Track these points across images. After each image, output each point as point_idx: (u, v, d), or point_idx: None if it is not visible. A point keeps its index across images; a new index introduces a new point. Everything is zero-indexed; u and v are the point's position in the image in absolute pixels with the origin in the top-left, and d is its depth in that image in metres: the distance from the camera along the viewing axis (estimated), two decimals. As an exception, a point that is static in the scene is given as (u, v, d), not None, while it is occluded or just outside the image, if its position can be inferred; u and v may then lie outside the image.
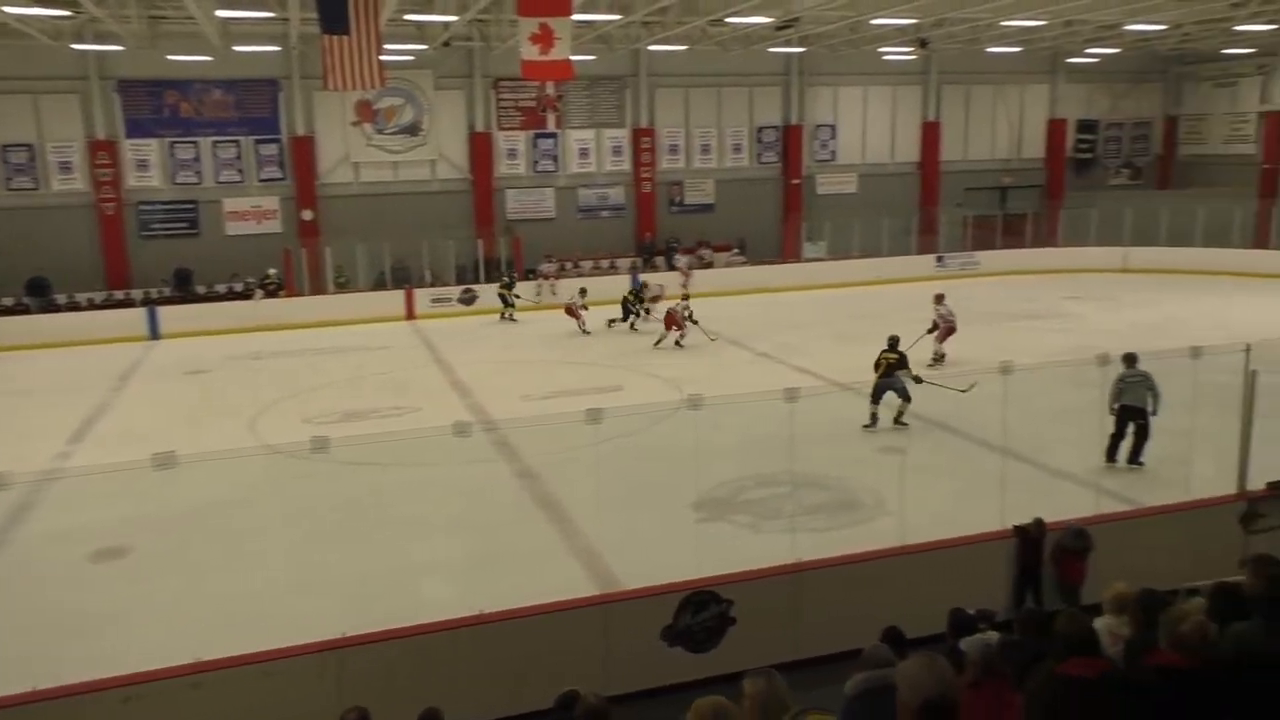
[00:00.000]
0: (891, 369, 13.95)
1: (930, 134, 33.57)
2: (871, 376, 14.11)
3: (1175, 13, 23.17)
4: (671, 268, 29.21)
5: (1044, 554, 9.10)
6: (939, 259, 30.75)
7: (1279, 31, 28.04)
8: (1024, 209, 33.28)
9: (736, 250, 30.95)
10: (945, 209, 32.65)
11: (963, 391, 13.00)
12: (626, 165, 31.02)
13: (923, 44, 27.27)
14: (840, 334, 22.18)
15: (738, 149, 32.14)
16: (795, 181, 32.33)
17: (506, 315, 25.12)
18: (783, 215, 32.24)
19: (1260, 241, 29.79)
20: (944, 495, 11.48)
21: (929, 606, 7.20)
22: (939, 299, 18.85)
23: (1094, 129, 35.81)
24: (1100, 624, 6.13)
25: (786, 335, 22.06)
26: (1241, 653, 4.25)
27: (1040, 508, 9.68)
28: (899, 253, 30.71)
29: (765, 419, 10.49)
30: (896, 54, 30.41)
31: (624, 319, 23.22)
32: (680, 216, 31.66)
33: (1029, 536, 9.05)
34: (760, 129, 32.17)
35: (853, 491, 11.89)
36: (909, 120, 33.59)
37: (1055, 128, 35.00)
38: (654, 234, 31.17)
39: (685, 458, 10.87)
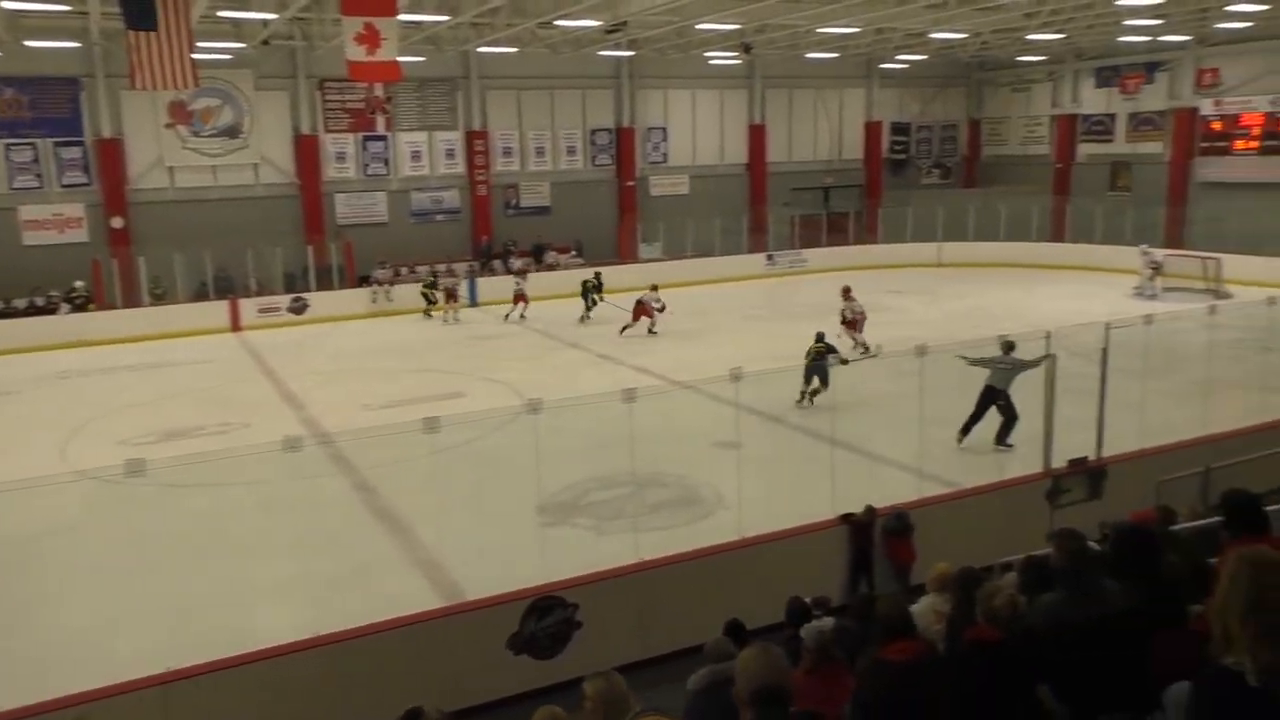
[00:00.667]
0: (820, 356, 15.10)
1: (757, 136, 34.56)
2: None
3: (975, 22, 24.68)
4: (509, 271, 28.98)
5: (874, 539, 9.50)
6: (769, 257, 31.68)
7: (1066, 40, 30.33)
8: (846, 208, 34.72)
9: (574, 252, 30.99)
10: (773, 209, 33.68)
11: (873, 355, 13.30)
12: (460, 168, 30.55)
13: (746, 49, 28.04)
14: (678, 333, 22.52)
15: (572, 151, 32.17)
16: (629, 183, 32.65)
17: (449, 316, 25.40)
18: (618, 216, 32.49)
19: (1056, 235, 32.11)
20: (780, 487, 11.79)
21: (770, 597, 7.40)
22: (846, 293, 19.85)
23: (907, 131, 37.74)
24: (925, 603, 6.46)
25: (623, 336, 22.21)
26: (1048, 622, 4.54)
27: (869, 494, 10.12)
28: (731, 252, 31.44)
29: (606, 420, 10.50)
30: (722, 58, 31.15)
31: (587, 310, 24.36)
32: (517, 219, 31.45)
33: (858, 523, 9.43)
34: (594, 131, 32.31)
35: (693, 488, 12.06)
36: (736, 123, 34.47)
37: (872, 130, 36.67)
38: (491, 237, 30.84)
39: (527, 463, 10.78)
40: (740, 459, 10.73)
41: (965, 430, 12.92)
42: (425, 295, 26.04)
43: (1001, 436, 13.02)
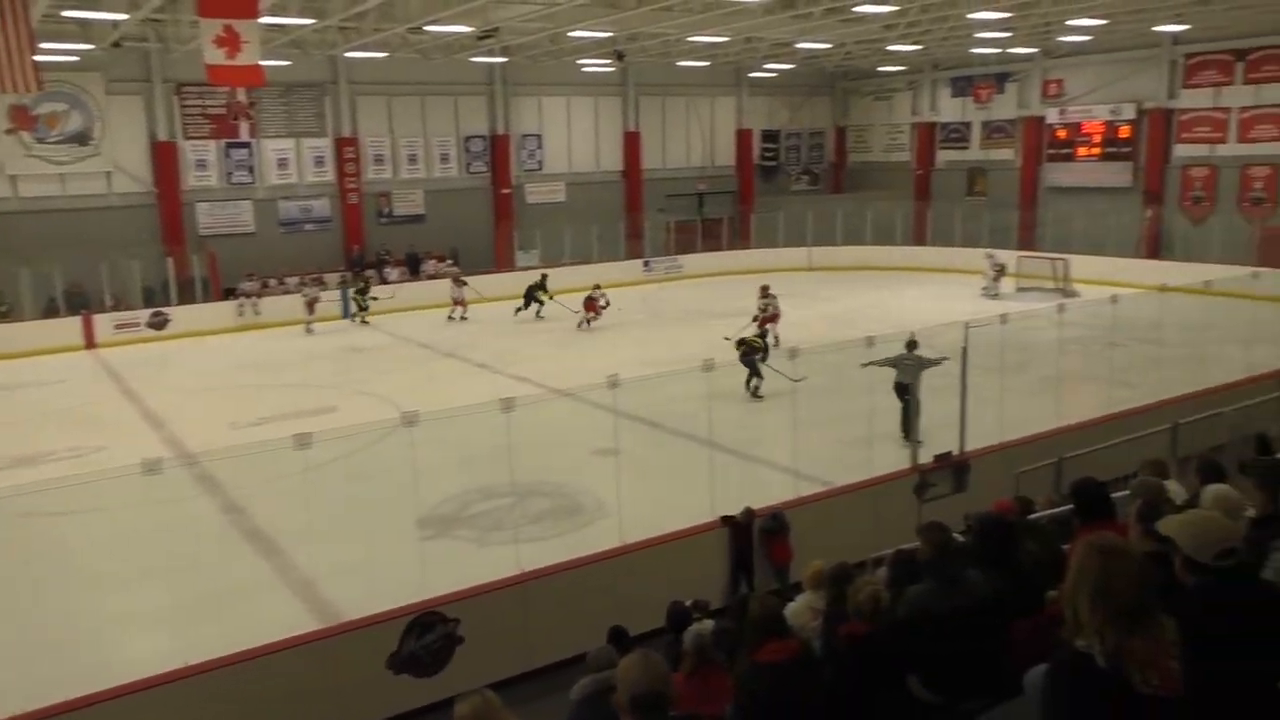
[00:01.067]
0: (749, 351, 16.11)
1: (631, 143, 34.80)
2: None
3: (838, 33, 25.46)
4: (384, 281, 28.36)
5: (754, 540, 9.66)
6: (646, 263, 31.92)
7: (924, 52, 31.60)
8: (720, 214, 35.30)
9: (450, 261, 30.55)
10: (649, 215, 33.96)
11: (795, 381, 13.44)
12: (330, 176, 29.73)
13: (619, 56, 28.21)
14: (558, 340, 22.47)
15: (445, 159, 31.72)
16: (505, 191, 32.39)
17: (358, 318, 25.66)
18: (494, 225, 32.19)
19: (918, 239, 33.41)
20: (660, 491, 11.88)
21: (652, 602, 7.42)
22: (764, 291, 21.07)
23: (776, 139, 38.65)
24: (802, 601, 6.60)
25: (504, 343, 22.04)
26: (914, 613, 4.70)
27: (748, 496, 10.30)
28: (608, 258, 31.55)
29: (485, 431, 10.37)
30: (596, 66, 31.26)
31: (526, 307, 25.20)
32: (390, 228, 30.80)
33: (737, 525, 9.57)
34: (468, 138, 31.95)
35: (573, 496, 12.04)
36: (611, 130, 34.63)
37: (743, 137, 37.41)
38: (363, 246, 30.11)
39: (404, 477, 10.56)
40: (620, 465, 10.76)
41: (906, 430, 13.33)
42: (357, 301, 25.90)
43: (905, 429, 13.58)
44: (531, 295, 25.60)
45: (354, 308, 26.01)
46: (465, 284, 26.08)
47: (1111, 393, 14.18)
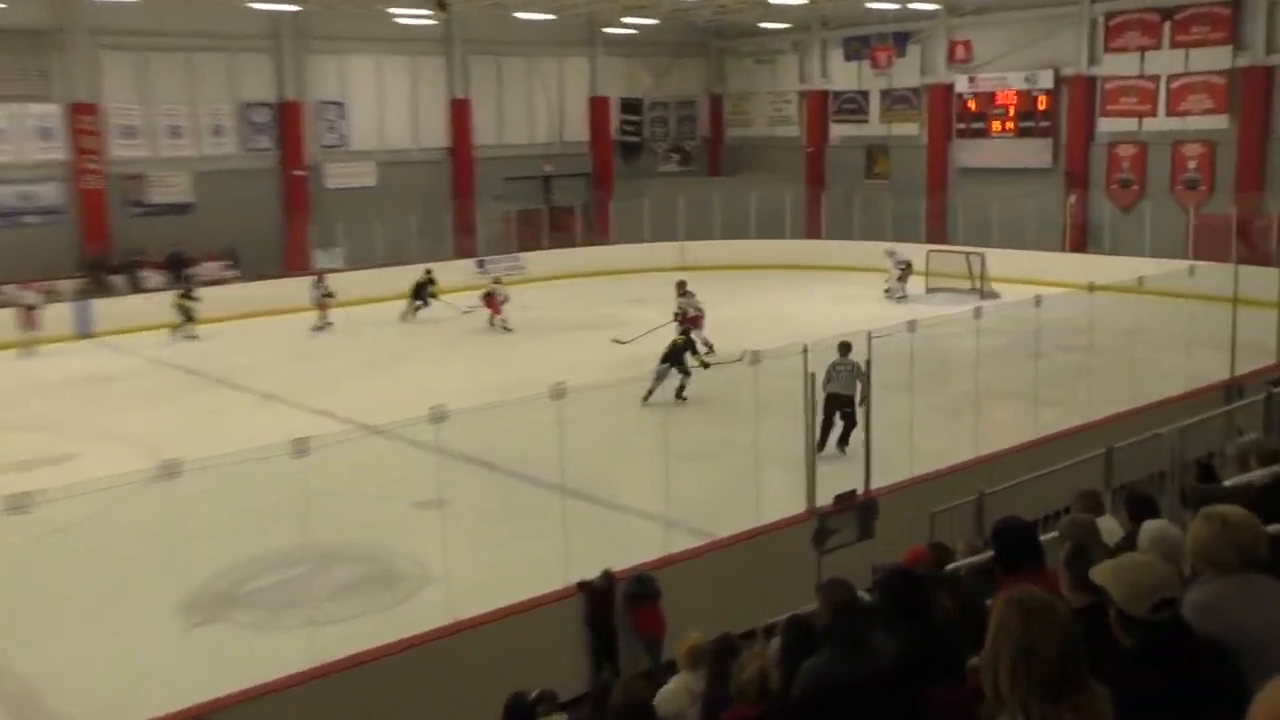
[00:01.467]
0: (678, 350, 17.44)
1: (460, 114, 34.59)
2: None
3: (709, -18, 26.02)
4: (138, 289, 27.29)
5: (616, 609, 9.64)
6: (480, 263, 31.69)
7: (810, 7, 32.58)
8: (571, 201, 35.45)
9: (227, 263, 29.59)
10: (483, 203, 33.80)
11: (736, 360, 13.46)
12: (62, 153, 28.39)
13: (441, 6, 28.04)
14: (369, 362, 22.03)
15: (219, 132, 30.78)
16: (298, 173, 31.64)
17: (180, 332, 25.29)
18: (284, 216, 31.38)
19: (811, 230, 34.37)
20: (500, 551, 11.77)
21: (491, 693, 7.30)
22: (682, 287, 22.44)
23: (639, 109, 39.10)
24: (676, 683, 6.59)
25: (299, 369, 21.49)
26: (811, 689, 4.74)
27: (608, 555, 10.27)
28: (433, 257, 31.14)
29: (272, 481, 10.09)
30: (412, 16, 30.93)
31: (424, 305, 26.43)
32: (145, 220, 29.56)
33: (596, 591, 9.54)
34: (248, 106, 31.09)
35: (389, 560, 11.81)
36: (434, 98, 34.33)
37: (598, 107, 37.70)
38: (107, 245, 28.80)
39: (165, 545, 10.09)
40: (448, 520, 10.59)
41: (821, 444, 13.69)
42: (182, 307, 25.41)
43: (841, 440, 14.50)
44: (422, 293, 26.50)
45: (180, 316, 25.31)
46: (328, 290, 26.35)
47: (1037, 413, 14.83)
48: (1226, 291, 16.54)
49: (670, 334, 19.28)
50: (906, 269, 28.06)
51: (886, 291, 27.73)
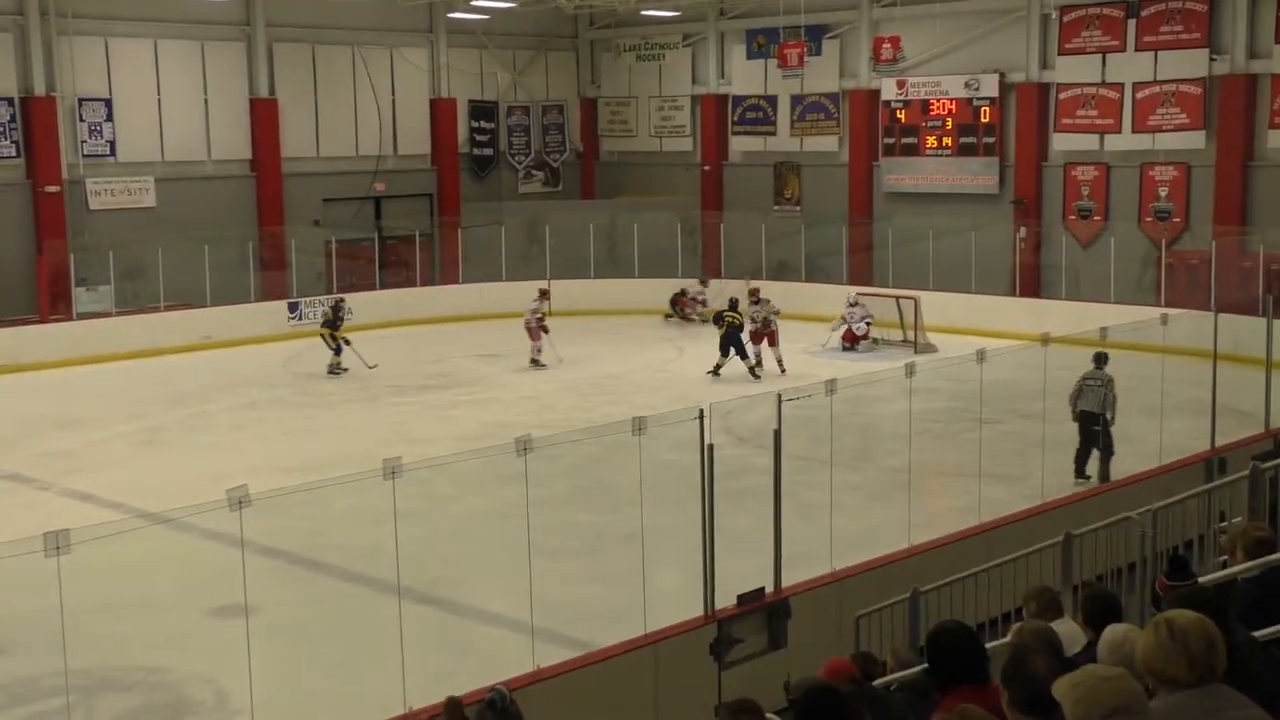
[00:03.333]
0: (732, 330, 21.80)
1: (265, 117, 34.27)
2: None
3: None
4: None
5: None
6: (292, 307, 31.34)
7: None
8: (409, 228, 35.34)
9: (-41, 304, 28.81)
10: (297, 231, 33.46)
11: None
12: None
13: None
14: (148, 431, 21.64)
15: (-57, 135, 30.10)
16: (50, 189, 30.93)
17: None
18: (35, 245, 30.63)
19: (709, 267, 34.78)
20: (321, 671, 11.68)
21: None
22: (755, 294, 26.29)
23: (493, 115, 39.30)
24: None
25: (56, 441, 21.04)
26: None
27: (461, 673, 10.25)
28: (232, 300, 30.78)
29: (18, 587, 9.88)
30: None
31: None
32: None
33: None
34: (-17, 103, 30.44)
35: (177, 686, 11.62)
36: (231, 96, 33.96)
37: (442, 111, 37.76)
38: None
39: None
40: (256, 632, 10.43)
41: (1080, 465, 16.74)
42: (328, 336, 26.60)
43: (1103, 475, 16.69)
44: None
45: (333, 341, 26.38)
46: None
47: (982, 492, 15.27)
48: (1205, 344, 17.28)
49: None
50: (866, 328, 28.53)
51: (827, 345, 28.17)
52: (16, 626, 11.69)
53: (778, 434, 12.20)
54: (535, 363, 26.57)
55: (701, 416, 11.89)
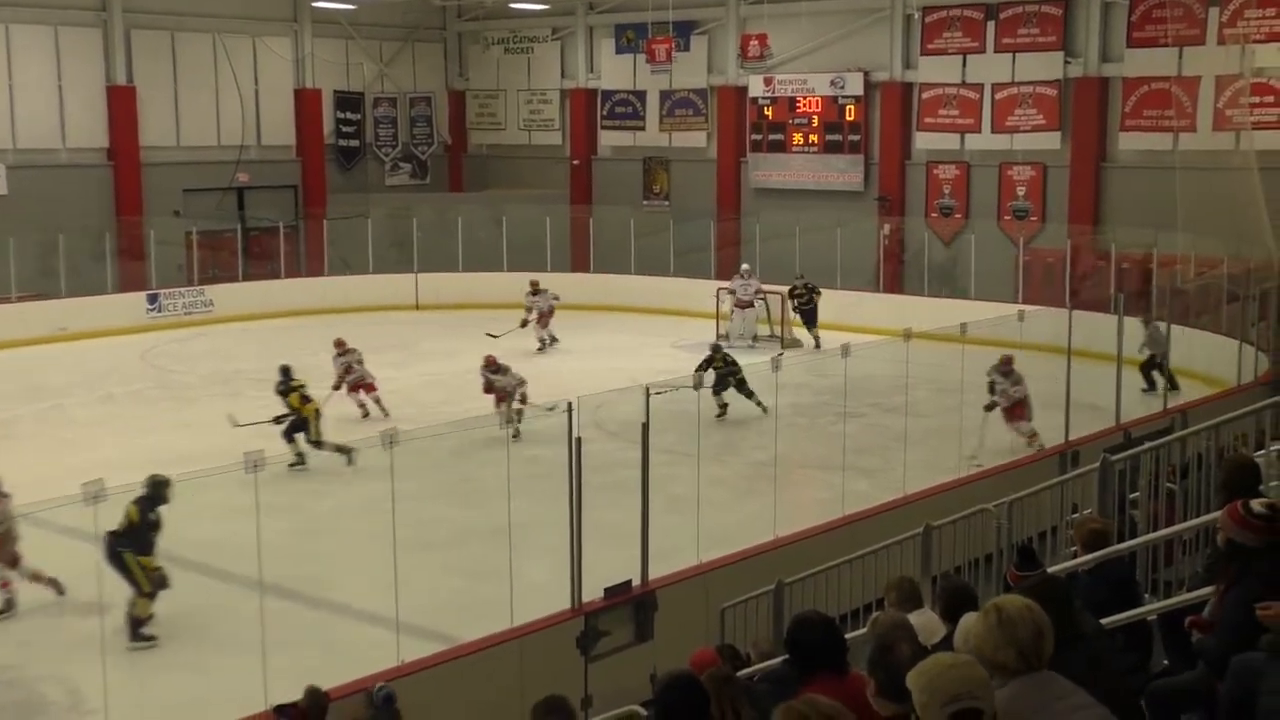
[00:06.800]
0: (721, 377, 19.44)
1: (123, 105, 33.56)
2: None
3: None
4: None
5: (329, 736, 9.56)
6: (152, 299, 30.83)
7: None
8: (273, 220, 34.88)
9: None
10: (155, 222, 32.84)
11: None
12: None
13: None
14: (2, 425, 21.15)
15: None
16: (-110, 178, 30.08)
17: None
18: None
19: (578, 262, 34.86)
20: (175, 671, 11.56)
21: None
22: (534, 287, 27.69)
23: (359, 106, 38.92)
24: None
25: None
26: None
27: (325, 667, 10.18)
28: (88, 291, 30.13)
29: None
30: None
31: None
32: None
33: (299, 717, 9.44)
34: None
35: (29, 685, 11.44)
36: (87, 82, 33.18)
37: (307, 101, 37.30)
38: None
39: None
40: (109, 630, 10.27)
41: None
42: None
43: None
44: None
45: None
46: None
47: (846, 485, 15.54)
48: (1060, 341, 17.79)
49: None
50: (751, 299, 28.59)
51: (723, 337, 27.74)
52: None
53: (645, 427, 12.30)
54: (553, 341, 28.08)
55: (570, 410, 11.95)
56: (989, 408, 18.27)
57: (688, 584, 12.54)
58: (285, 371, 19.13)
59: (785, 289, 28.88)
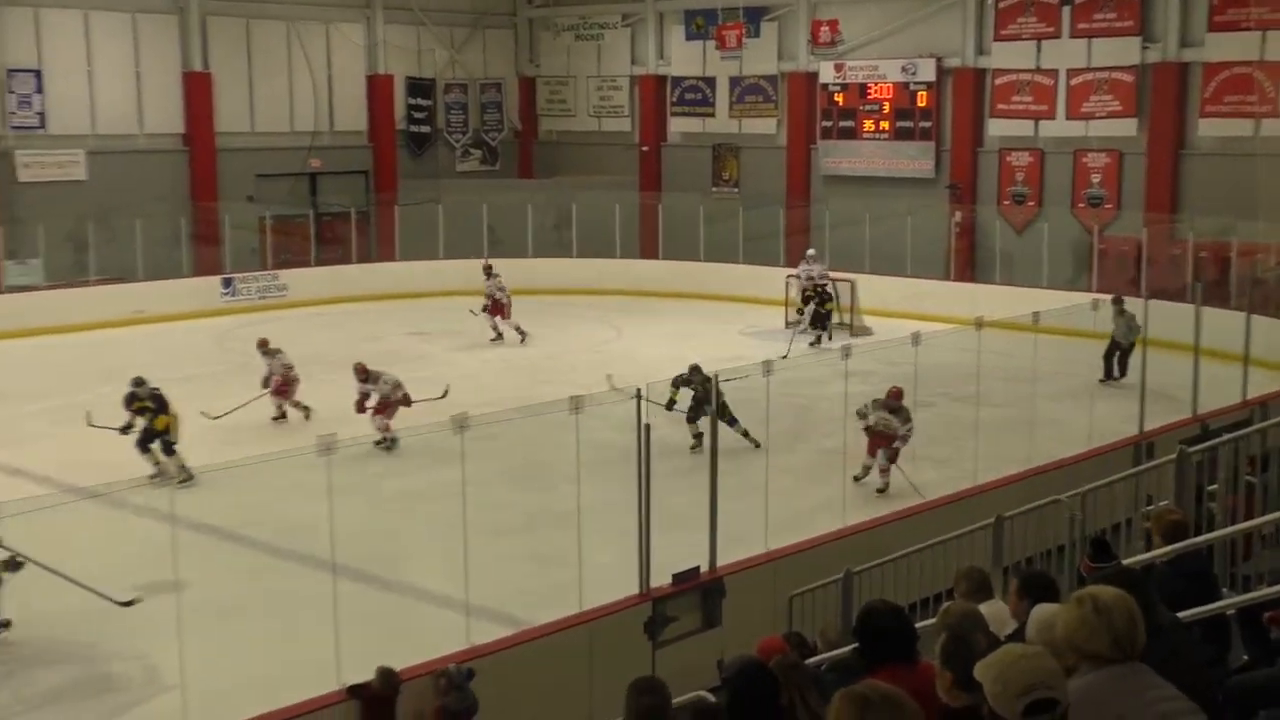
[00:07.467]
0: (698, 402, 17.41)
1: (198, 91, 33.91)
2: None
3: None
4: None
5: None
6: (226, 283, 31.16)
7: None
8: (345, 205, 35.13)
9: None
10: (230, 207, 33.19)
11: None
12: None
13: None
14: (80, 406, 21.39)
15: None
16: (-22, 161, 30.60)
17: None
18: (-38, 217, 30.27)
19: (647, 249, 34.84)
20: (251, 648, 11.65)
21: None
22: (488, 270, 27.06)
23: (430, 92, 39.08)
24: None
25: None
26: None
27: (396, 648, 10.26)
28: (165, 275, 30.50)
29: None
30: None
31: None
32: None
33: (375, 698, 9.51)
34: (-91, 73, 29.99)
35: (107, 661, 11.57)
36: (164, 69, 33.57)
37: (378, 88, 37.53)
38: None
39: None
40: (185, 608, 10.39)
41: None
42: None
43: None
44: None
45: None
46: None
47: (916, 474, 15.43)
48: (1135, 330, 17.57)
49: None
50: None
51: (793, 324, 27.57)
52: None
53: (714, 414, 12.29)
54: (519, 332, 27.18)
55: (639, 396, 11.96)
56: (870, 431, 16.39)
57: (756, 571, 12.51)
58: (139, 384, 17.78)
59: (853, 276, 28.77)
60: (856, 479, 16.31)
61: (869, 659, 5.47)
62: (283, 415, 20.45)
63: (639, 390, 12.02)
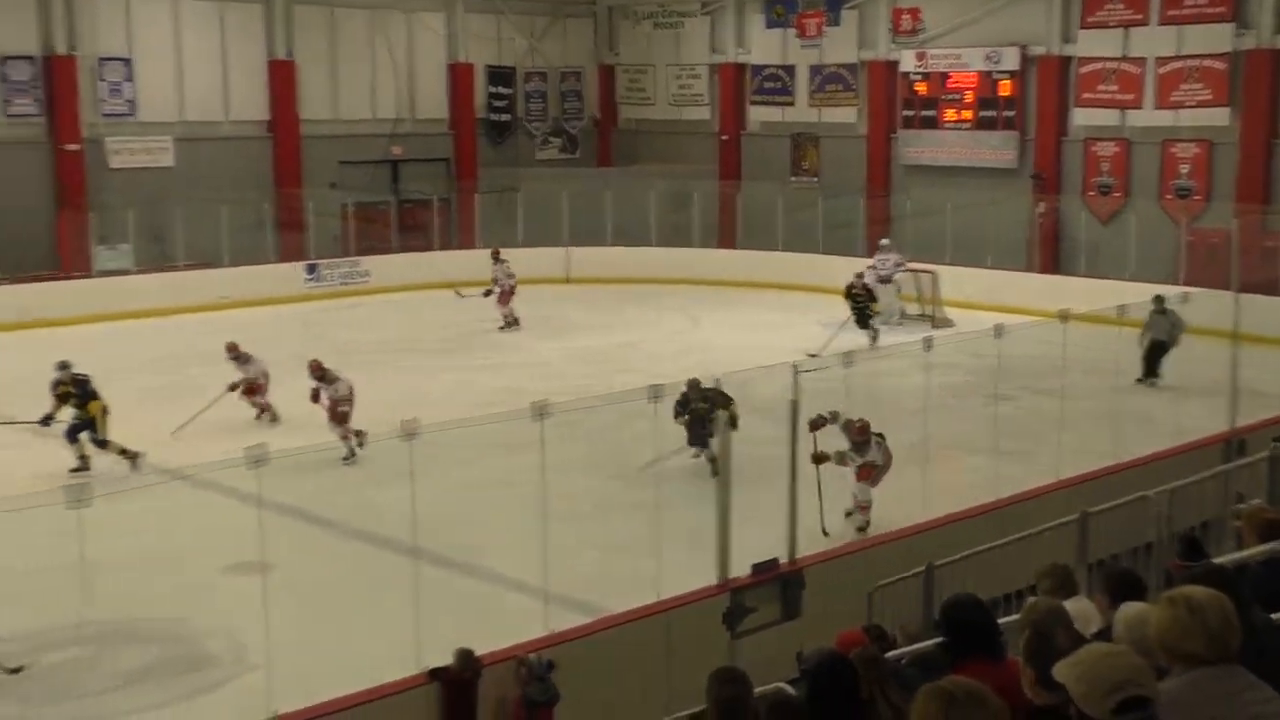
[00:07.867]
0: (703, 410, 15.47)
1: (283, 79, 34.28)
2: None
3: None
4: None
5: (478, 704, 9.69)
6: (310, 269, 31.50)
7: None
8: (426, 193, 35.38)
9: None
10: (314, 193, 33.52)
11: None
12: None
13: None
14: (164, 389, 21.72)
15: (-39, 91, 30.18)
16: (71, 147, 31.03)
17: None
18: (55, 203, 30.76)
19: (725, 238, 34.78)
20: (334, 629, 11.81)
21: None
22: (495, 255, 27.02)
23: (511, 80, 39.23)
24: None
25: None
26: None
27: (474, 634, 10.33)
28: (251, 260, 30.88)
29: (39, 539, 9.98)
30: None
31: None
32: None
33: (455, 681, 9.58)
34: (3, 60, 30.49)
35: (195, 639, 11.72)
36: (249, 57, 33.95)
37: (459, 76, 37.73)
38: None
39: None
40: (270, 589, 10.53)
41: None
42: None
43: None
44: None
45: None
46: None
47: (998, 469, 15.28)
48: (1225, 324, 17.23)
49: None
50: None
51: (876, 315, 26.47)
52: (35, 579, 11.79)
53: (794, 405, 12.23)
54: (515, 323, 27.31)
55: (717, 384, 11.98)
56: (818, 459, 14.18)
57: (835, 563, 12.46)
58: (63, 367, 17.41)
59: (934, 267, 28.57)
60: (848, 514, 14.73)
61: (953, 653, 5.44)
62: (264, 410, 20.05)
63: (717, 380, 12.02)
